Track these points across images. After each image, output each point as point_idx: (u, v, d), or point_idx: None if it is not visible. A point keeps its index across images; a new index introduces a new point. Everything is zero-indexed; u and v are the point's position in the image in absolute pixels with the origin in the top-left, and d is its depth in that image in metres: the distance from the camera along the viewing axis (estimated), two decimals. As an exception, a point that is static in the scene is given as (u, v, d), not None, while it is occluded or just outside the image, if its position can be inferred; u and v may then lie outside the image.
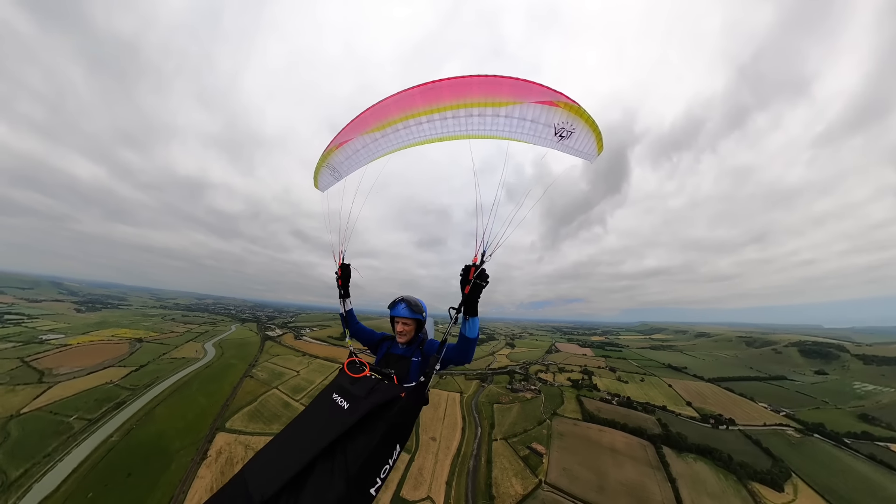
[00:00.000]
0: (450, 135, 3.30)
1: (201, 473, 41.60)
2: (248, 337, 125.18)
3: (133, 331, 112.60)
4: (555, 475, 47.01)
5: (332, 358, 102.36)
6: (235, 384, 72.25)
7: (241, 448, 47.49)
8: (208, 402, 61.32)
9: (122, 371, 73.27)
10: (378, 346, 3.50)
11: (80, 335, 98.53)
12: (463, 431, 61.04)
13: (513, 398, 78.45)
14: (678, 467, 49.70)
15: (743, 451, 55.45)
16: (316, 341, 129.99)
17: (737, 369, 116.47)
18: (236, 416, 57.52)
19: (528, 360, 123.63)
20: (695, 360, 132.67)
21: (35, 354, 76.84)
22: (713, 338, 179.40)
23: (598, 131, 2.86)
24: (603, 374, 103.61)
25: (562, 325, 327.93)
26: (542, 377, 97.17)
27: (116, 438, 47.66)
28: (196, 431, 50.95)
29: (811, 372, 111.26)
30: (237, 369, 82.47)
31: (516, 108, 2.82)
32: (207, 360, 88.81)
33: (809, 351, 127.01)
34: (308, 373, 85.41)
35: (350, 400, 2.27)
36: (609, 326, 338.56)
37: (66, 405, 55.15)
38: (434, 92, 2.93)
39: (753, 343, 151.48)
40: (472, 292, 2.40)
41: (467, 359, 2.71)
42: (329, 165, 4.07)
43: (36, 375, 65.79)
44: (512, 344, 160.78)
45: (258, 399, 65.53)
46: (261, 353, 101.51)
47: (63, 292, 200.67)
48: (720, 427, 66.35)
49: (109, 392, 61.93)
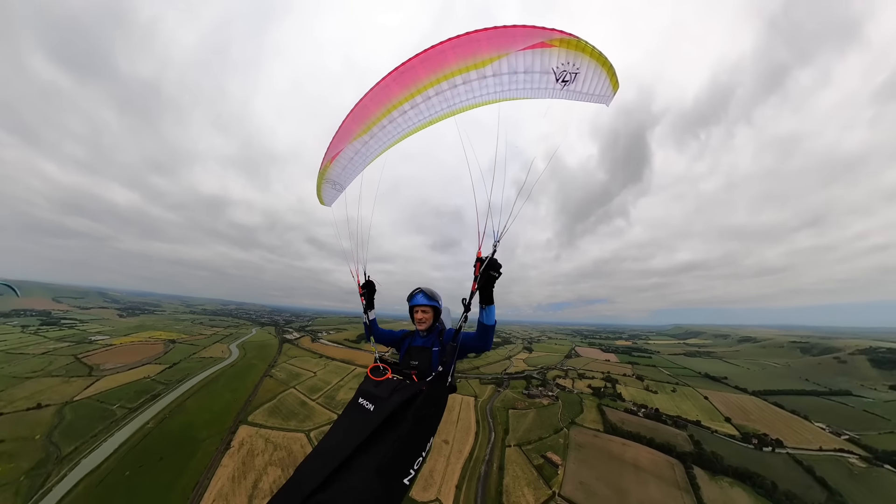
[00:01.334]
0: (438, 115, 3.04)
1: (224, 462, 44.85)
2: (267, 339, 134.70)
3: (167, 333, 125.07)
4: (570, 488, 45.44)
5: (348, 360, 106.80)
6: (257, 382, 77.54)
7: (261, 441, 51.14)
8: (233, 398, 66.73)
9: (158, 368, 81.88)
10: (401, 344, 3.69)
11: (122, 336, 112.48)
12: (476, 436, 61.00)
13: (529, 404, 76.83)
14: (710, 492, 45.62)
15: (791, 478, 49.48)
16: (332, 344, 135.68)
17: (788, 381, 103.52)
18: (257, 411, 62.11)
19: (546, 364, 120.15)
20: (737, 369, 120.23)
21: (85, 352, 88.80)
22: (760, 343, 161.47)
23: (608, 65, 2.42)
24: (629, 383, 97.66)
25: (583, 328, 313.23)
26: (561, 383, 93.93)
27: (152, 426, 53.31)
28: (221, 423, 55.55)
29: (885, 387, 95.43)
30: (258, 369, 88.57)
31: (503, 62, 2.48)
32: (232, 359, 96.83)
33: (883, 360, 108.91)
34: (325, 374, 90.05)
35: (375, 402, 2.43)
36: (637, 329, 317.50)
37: (110, 395, 62.94)
38: (408, 74, 2.68)
39: (810, 350, 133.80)
40: (484, 284, 2.47)
41: (486, 346, 2.82)
42: (328, 180, 4.10)
43: (86, 370, 75.92)
44: (529, 348, 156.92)
45: (277, 397, 70.13)
46: (279, 354, 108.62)
47: (108, 301, 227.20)
48: (764, 449, 59.69)
49: (147, 385, 69.65)
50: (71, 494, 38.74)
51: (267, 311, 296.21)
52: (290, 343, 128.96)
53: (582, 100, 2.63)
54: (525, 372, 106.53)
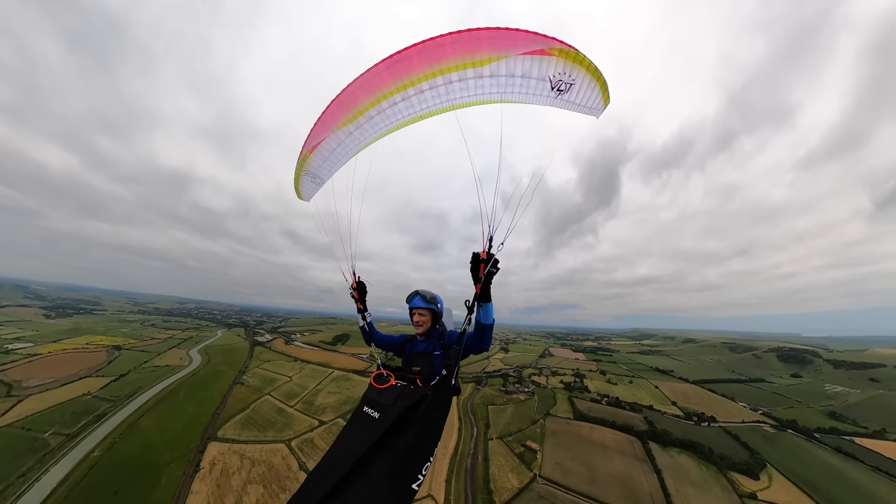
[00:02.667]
0: (429, 110, 2.94)
1: (195, 488, 39.13)
2: (235, 342, 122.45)
3: (110, 338, 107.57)
4: (548, 469, 49.11)
5: (325, 363, 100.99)
6: (225, 391, 70.52)
7: (235, 458, 45.64)
8: (197, 412, 59.67)
9: (101, 381, 70.13)
10: (401, 350, 3.59)
11: (50, 343, 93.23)
12: (459, 432, 62.46)
13: (507, 400, 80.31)
14: (663, 460, 52.61)
15: (723, 444, 58.97)
16: (307, 346, 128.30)
17: (719, 372, 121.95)
18: (228, 424, 56.18)
19: (522, 364, 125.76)
20: (681, 364, 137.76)
21: (2, 365, 71.72)
22: (699, 343, 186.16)
23: (602, 80, 2.47)
24: (594, 377, 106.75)
25: (556, 331, 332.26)
26: (536, 380, 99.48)
27: (99, 454, 44.64)
28: (186, 442, 48.94)
29: (788, 375, 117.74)
30: (226, 376, 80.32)
31: (501, 63, 2.47)
32: (193, 367, 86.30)
33: (786, 356, 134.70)
34: (301, 378, 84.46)
35: (380, 410, 2.39)
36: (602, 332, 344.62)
37: (39, 420, 51.79)
38: (403, 63, 2.57)
39: (736, 349, 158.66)
40: (485, 279, 2.42)
41: (485, 346, 2.72)
42: (307, 173, 3.76)
43: (3, 389, 61.57)
44: (506, 349, 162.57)
45: (251, 406, 64.48)
46: (250, 358, 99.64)
47: (29, 296, 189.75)
48: (702, 424, 70.06)
49: (88, 404, 58.96)
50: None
51: (235, 311, 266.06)
52: (261, 346, 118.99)
53: (574, 110, 2.64)
54: (502, 371, 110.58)
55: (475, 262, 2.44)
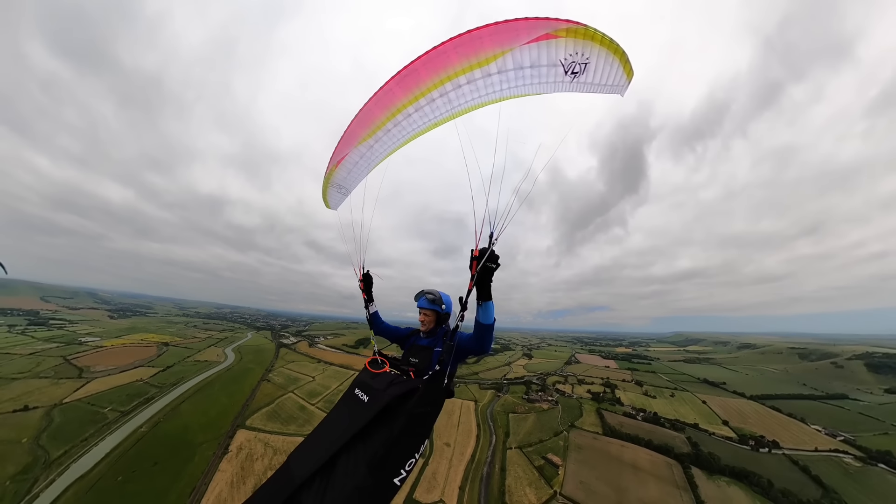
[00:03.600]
0: (443, 117, 2.98)
1: (222, 467, 43.87)
2: (263, 344, 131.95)
3: (160, 336, 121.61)
4: (570, 488, 45.34)
5: (347, 365, 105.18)
6: (254, 386, 76.07)
7: (260, 445, 50.17)
8: (229, 402, 65.40)
9: (151, 371, 79.80)
10: (405, 341, 3.66)
11: (113, 338, 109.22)
12: (477, 438, 60.59)
13: (529, 408, 76.54)
14: (708, 490, 45.87)
15: (787, 477, 49.93)
16: (330, 349, 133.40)
17: (786, 386, 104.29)
18: (255, 415, 60.97)
19: (546, 371, 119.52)
20: (736, 374, 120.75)
21: (75, 354, 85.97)
22: (759, 349, 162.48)
23: (620, 52, 2.24)
24: (628, 388, 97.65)
25: (583, 336, 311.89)
26: (561, 388, 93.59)
27: (145, 429, 51.74)
28: (218, 427, 54.31)
29: (881, 390, 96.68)
30: (255, 373, 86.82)
31: (507, 58, 2.38)
32: (228, 363, 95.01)
33: (879, 365, 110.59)
34: (323, 378, 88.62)
35: (370, 393, 2.41)
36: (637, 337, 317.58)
37: (101, 398, 61.10)
38: (411, 77, 2.65)
39: (808, 356, 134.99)
40: (482, 275, 2.28)
41: (484, 348, 2.59)
42: (334, 184, 4.15)
43: (76, 371, 73.61)
44: (529, 354, 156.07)
45: (275, 401, 68.59)
46: (276, 359, 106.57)
47: (98, 301, 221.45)
48: (761, 450, 60.11)
49: (139, 388, 68.00)
50: (60, 500, 37.39)
51: (262, 316, 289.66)
52: (286, 348, 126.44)
53: (594, 91, 2.44)
54: (524, 378, 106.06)
55: (472, 259, 2.37)
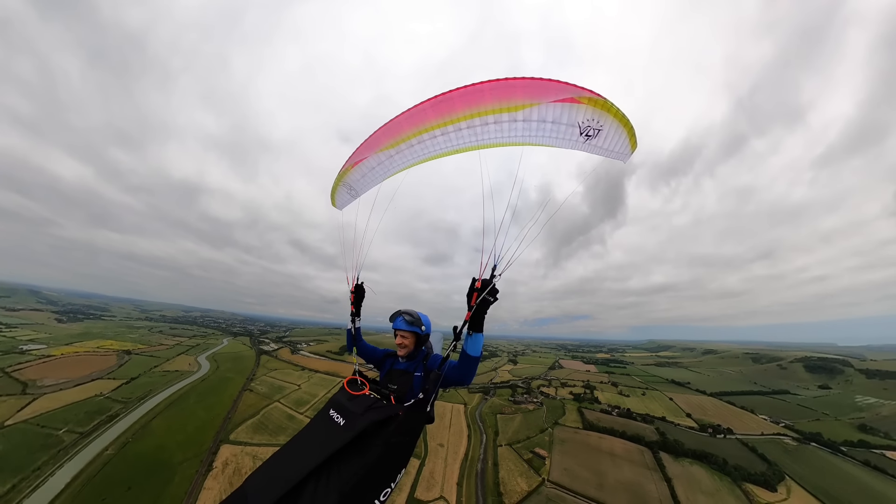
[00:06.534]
0: (465, 146, 3.22)
1: (208, 485, 40.94)
2: (241, 351, 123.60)
3: (119, 342, 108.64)
4: (557, 474, 49.92)
5: (333, 372, 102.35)
6: (235, 397, 71.34)
7: (248, 459, 47.48)
8: (208, 415, 60.58)
9: (112, 383, 71.20)
10: (382, 363, 3.40)
11: (63, 346, 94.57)
12: (469, 438, 63.75)
13: (515, 409, 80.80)
14: (674, 469, 52.29)
15: (738, 456, 57.73)
16: (314, 356, 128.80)
17: (740, 384, 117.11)
18: (240, 428, 57.41)
19: (531, 375, 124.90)
20: (699, 375, 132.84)
21: (16, 365, 72.47)
22: (720, 355, 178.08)
23: (629, 126, 2.56)
24: (605, 389, 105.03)
25: (567, 343, 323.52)
26: (545, 391, 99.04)
27: (112, 452, 45.62)
28: (198, 444, 49.99)
29: (815, 387, 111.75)
30: (235, 383, 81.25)
31: (534, 110, 2.65)
32: (202, 373, 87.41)
33: (814, 366, 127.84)
34: (309, 386, 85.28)
35: (346, 416, 2.21)
36: (616, 344, 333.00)
37: (53, 418, 52.66)
38: (445, 104, 2.89)
39: (759, 359, 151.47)
40: (479, 306, 2.21)
41: (467, 380, 2.45)
42: (346, 184, 4.16)
43: (19, 387, 62.40)
44: (514, 360, 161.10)
45: (261, 412, 65.17)
46: (257, 367, 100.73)
47: (42, 301, 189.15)
48: (718, 436, 68.43)
49: (100, 404, 60.12)
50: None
51: (238, 320, 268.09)
52: (268, 355, 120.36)
53: (602, 154, 2.72)
54: (510, 382, 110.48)
55: (472, 289, 2.29)
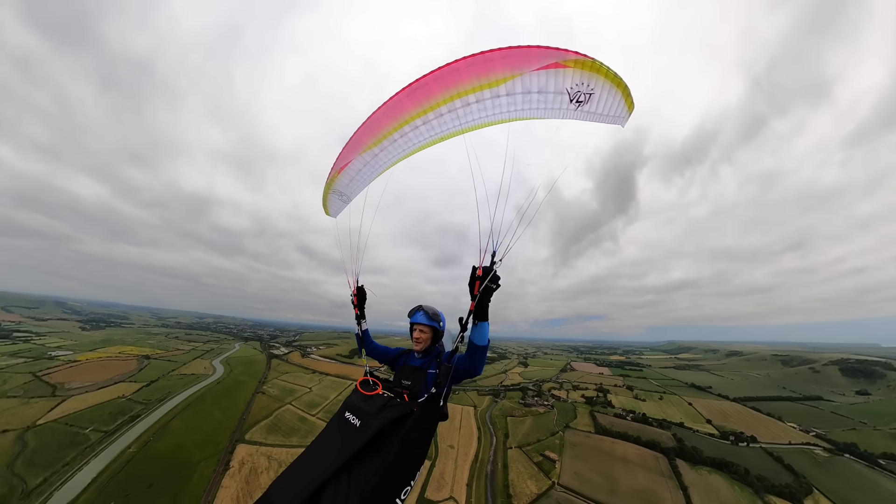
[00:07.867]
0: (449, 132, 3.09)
1: (225, 483, 42.55)
2: (253, 355, 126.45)
3: (139, 348, 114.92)
4: (567, 478, 49.76)
5: (343, 375, 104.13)
6: (249, 399, 73.65)
7: (263, 459, 49.00)
8: (224, 416, 62.83)
9: (133, 386, 75.62)
10: (395, 362, 3.45)
11: (87, 352, 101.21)
12: (479, 440, 64.36)
13: (525, 412, 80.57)
14: (691, 478, 50.77)
15: (762, 466, 55.15)
16: (324, 359, 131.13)
17: (767, 389, 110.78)
18: (254, 429, 59.41)
19: (542, 378, 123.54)
20: (721, 379, 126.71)
21: (46, 370, 78.72)
22: (745, 357, 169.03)
23: (623, 86, 2.37)
24: (619, 393, 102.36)
25: (579, 344, 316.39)
26: (556, 394, 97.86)
27: (134, 450, 48.33)
28: (215, 444, 51.79)
29: (852, 392, 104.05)
30: (248, 386, 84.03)
31: (516, 81, 2.48)
32: (217, 376, 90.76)
33: (852, 370, 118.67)
34: (321, 389, 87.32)
35: (361, 417, 2.26)
36: (632, 345, 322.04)
37: (80, 417, 56.60)
38: (421, 90, 2.73)
39: (790, 362, 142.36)
40: (482, 295, 2.24)
41: (477, 369, 2.49)
42: (335, 191, 4.10)
43: (49, 389, 67.59)
44: (525, 363, 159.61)
45: (273, 414, 67.04)
46: (269, 370, 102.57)
47: (67, 311, 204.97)
48: (740, 444, 65.49)
49: (123, 406, 63.81)
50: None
51: (249, 325, 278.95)
52: (278, 359, 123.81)
53: (596, 120, 2.58)
54: (521, 384, 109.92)
55: (473, 277, 2.32)
